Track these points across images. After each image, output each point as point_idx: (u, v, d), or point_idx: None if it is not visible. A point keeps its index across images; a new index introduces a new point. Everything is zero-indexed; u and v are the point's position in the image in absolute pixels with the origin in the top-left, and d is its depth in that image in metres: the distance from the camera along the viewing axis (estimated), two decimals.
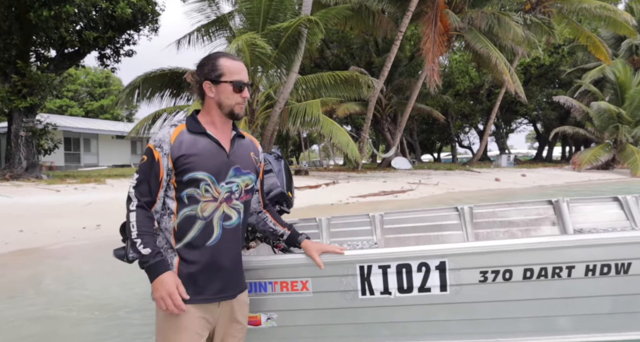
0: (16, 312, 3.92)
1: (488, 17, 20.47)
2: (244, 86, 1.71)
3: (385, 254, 2.07)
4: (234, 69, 1.70)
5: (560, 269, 1.99)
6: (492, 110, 28.08)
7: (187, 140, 1.66)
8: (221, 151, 1.70)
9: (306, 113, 15.57)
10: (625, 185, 18.04)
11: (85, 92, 42.31)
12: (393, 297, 2.07)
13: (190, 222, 1.65)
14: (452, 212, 3.50)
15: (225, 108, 1.71)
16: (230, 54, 1.75)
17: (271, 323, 2.16)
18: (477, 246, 2.08)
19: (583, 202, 3.40)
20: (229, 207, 1.70)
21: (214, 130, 1.72)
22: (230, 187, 1.70)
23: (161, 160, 1.63)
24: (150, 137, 1.58)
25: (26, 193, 10.57)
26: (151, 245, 1.59)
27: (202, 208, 1.65)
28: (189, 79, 1.80)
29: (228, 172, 1.70)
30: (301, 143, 36.05)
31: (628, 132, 25.49)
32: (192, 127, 1.69)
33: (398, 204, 11.53)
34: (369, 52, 27.92)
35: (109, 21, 14.69)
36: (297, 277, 2.08)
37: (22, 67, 13.63)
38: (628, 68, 26.19)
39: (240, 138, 1.81)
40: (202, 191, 1.64)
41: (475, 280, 2.03)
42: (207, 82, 1.70)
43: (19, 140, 14.27)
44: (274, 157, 2.59)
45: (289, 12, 16.05)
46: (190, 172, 1.63)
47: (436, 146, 50.63)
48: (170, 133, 1.66)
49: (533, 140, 70.91)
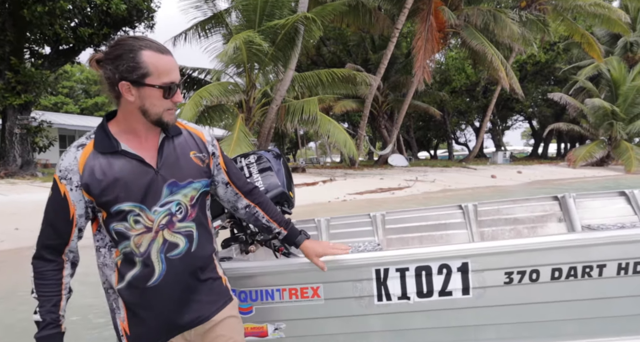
0: (12, 310, 3.90)
1: (484, 14, 20.51)
2: (176, 88, 1.32)
3: (403, 256, 1.93)
4: (163, 68, 1.29)
5: (590, 268, 1.87)
6: (488, 108, 28.18)
7: (99, 165, 1.30)
8: (146, 169, 1.33)
9: (304, 111, 15.57)
10: (623, 181, 18.15)
11: (80, 90, 42.06)
12: (412, 303, 1.94)
13: (130, 259, 1.34)
14: (455, 210, 3.37)
15: (152, 116, 1.32)
16: (155, 42, 1.31)
17: (279, 334, 2.00)
18: (502, 245, 1.94)
19: (589, 198, 3.27)
20: (172, 233, 1.35)
21: (135, 141, 1.35)
22: (168, 210, 1.34)
23: (69, 195, 1.30)
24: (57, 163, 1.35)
25: (21, 191, 10.51)
26: (44, 311, 1.30)
27: (136, 243, 1.32)
28: (94, 68, 1.33)
29: (161, 192, 1.33)
30: (298, 140, 36.02)
31: (622, 128, 25.65)
32: (101, 147, 1.32)
33: (395, 201, 11.56)
34: (365, 49, 27.90)
35: (104, 18, 14.59)
36: (307, 283, 1.93)
37: (16, 64, 13.52)
38: (623, 65, 26.33)
39: (171, 139, 1.40)
40: (131, 224, 1.31)
41: (500, 282, 1.90)
42: (125, 83, 1.28)
43: (13, 138, 14.18)
44: (272, 155, 2.42)
45: (286, 9, 16.02)
46: (114, 205, 1.30)
47: (432, 143, 50.71)
48: (77, 159, 1.30)
49: (529, 137, 71.24)
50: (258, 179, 2.23)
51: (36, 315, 1.31)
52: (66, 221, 1.32)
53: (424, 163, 29.38)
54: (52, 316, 1.31)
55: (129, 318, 1.37)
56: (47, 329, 1.30)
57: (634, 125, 25.41)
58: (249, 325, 2.01)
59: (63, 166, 1.31)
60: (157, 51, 1.29)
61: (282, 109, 15.93)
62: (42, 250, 1.33)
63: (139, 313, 1.37)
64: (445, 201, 11.67)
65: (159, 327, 1.38)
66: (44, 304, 1.31)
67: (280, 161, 2.41)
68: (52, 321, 1.31)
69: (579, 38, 24.36)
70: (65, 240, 1.34)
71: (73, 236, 1.34)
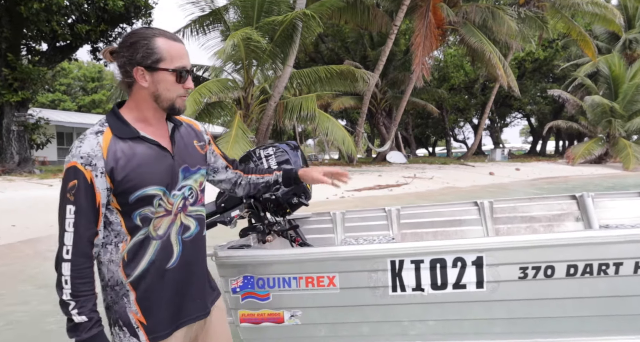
0: (8, 308, 3.89)
1: (482, 11, 20.46)
2: (187, 75, 1.38)
3: (418, 248, 1.95)
4: (176, 53, 1.35)
5: (606, 265, 1.87)
6: (487, 105, 28.15)
7: (121, 150, 1.30)
8: (165, 154, 1.38)
9: (302, 108, 15.53)
10: (621, 180, 18.17)
11: (78, 87, 41.90)
12: (426, 294, 1.96)
13: (143, 245, 1.35)
14: (471, 207, 3.36)
15: (165, 102, 1.37)
16: (167, 31, 1.39)
17: (295, 321, 2.07)
18: (517, 240, 1.95)
19: (608, 197, 3.26)
20: (186, 216, 1.43)
21: (149, 129, 1.38)
22: (182, 193, 1.41)
23: (95, 182, 1.26)
24: (70, 150, 1.31)
25: (19, 188, 10.49)
26: (87, 310, 1.25)
27: (155, 226, 1.36)
28: (108, 59, 1.39)
29: (178, 176, 1.40)
30: (296, 137, 35.97)
31: (621, 126, 25.65)
32: (120, 132, 1.33)
33: (393, 198, 11.56)
34: (363, 46, 27.83)
35: (101, 14, 14.53)
36: (324, 272, 1.96)
37: (12, 60, 13.46)
38: (622, 62, 26.33)
39: (178, 128, 1.48)
40: (155, 207, 1.35)
41: (514, 276, 1.91)
42: (140, 68, 1.32)
43: (10, 135, 14.14)
44: (290, 147, 2.47)
45: (284, 6, 15.97)
46: (138, 190, 1.31)
47: (431, 140, 50.73)
48: (99, 144, 1.29)
49: (527, 135, 71.25)
50: None
51: (81, 316, 1.25)
52: (95, 210, 1.28)
53: (422, 160, 29.38)
54: (96, 315, 1.28)
55: (143, 309, 1.36)
56: (95, 327, 1.27)
57: (632, 122, 25.41)
58: (266, 311, 2.08)
59: (84, 152, 1.27)
60: (170, 38, 1.36)
61: (281, 106, 15.90)
62: (79, 245, 1.26)
63: (155, 300, 1.37)
64: (444, 200, 11.68)
65: (177, 311, 1.42)
66: (85, 303, 1.26)
67: (297, 153, 2.46)
68: (98, 318, 1.29)
69: (575, 35, 24.34)
70: (96, 231, 1.29)
71: (100, 226, 1.31)
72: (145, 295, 1.36)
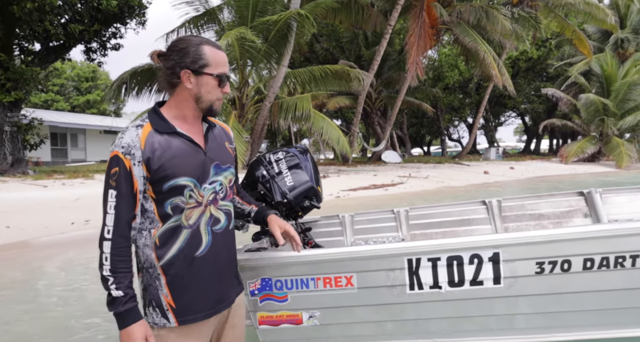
0: (6, 308, 3.88)
1: (476, 11, 20.54)
2: (227, 80, 1.54)
3: (435, 246, 1.97)
4: (220, 61, 1.51)
5: (623, 258, 1.87)
6: (481, 104, 28.27)
7: (158, 143, 1.45)
8: (197, 150, 1.51)
9: (297, 108, 15.53)
10: (615, 177, 18.33)
11: (71, 87, 41.65)
12: (443, 292, 1.98)
13: (174, 233, 1.48)
14: (479, 206, 3.36)
15: (205, 103, 1.52)
16: (212, 40, 1.55)
17: (313, 322, 2.07)
18: (533, 235, 1.95)
19: (616, 193, 3.27)
20: (217, 209, 1.55)
21: (185, 126, 1.52)
22: (214, 188, 1.54)
23: (133, 170, 1.41)
24: (114, 141, 1.47)
25: (12, 189, 10.42)
26: (124, 286, 1.39)
27: (187, 216, 1.48)
28: (156, 62, 1.54)
29: (209, 171, 1.53)
30: (291, 137, 35.94)
31: (614, 124, 25.86)
32: (159, 127, 1.48)
33: (389, 198, 11.59)
34: (358, 45, 27.85)
35: (95, 14, 14.45)
36: (341, 272, 1.98)
37: (5, 60, 13.36)
38: (614, 61, 26.53)
39: (212, 129, 1.61)
40: (186, 198, 1.47)
41: (531, 272, 1.92)
42: (187, 70, 1.48)
43: (3, 136, 14.03)
44: (299, 150, 2.48)
45: (278, 6, 15.95)
46: (170, 180, 1.44)
47: (426, 140, 50.88)
48: (138, 135, 1.44)
49: (521, 134, 71.66)
50: (287, 175, 2.33)
51: (118, 291, 1.38)
52: (133, 196, 1.43)
53: (417, 159, 29.47)
54: (131, 291, 1.41)
55: (172, 292, 1.48)
56: (130, 302, 1.40)
57: (624, 121, 25.62)
58: (285, 312, 2.09)
59: (125, 143, 1.42)
60: (215, 47, 1.52)
61: (275, 106, 15.89)
62: (120, 226, 1.41)
63: (184, 285, 1.49)
64: (440, 199, 11.73)
65: (205, 299, 1.53)
66: (122, 280, 1.39)
67: (307, 156, 2.49)
68: (133, 294, 1.42)
69: (569, 34, 24.51)
70: (134, 214, 1.44)
71: (137, 211, 1.45)
72: (175, 280, 1.48)
